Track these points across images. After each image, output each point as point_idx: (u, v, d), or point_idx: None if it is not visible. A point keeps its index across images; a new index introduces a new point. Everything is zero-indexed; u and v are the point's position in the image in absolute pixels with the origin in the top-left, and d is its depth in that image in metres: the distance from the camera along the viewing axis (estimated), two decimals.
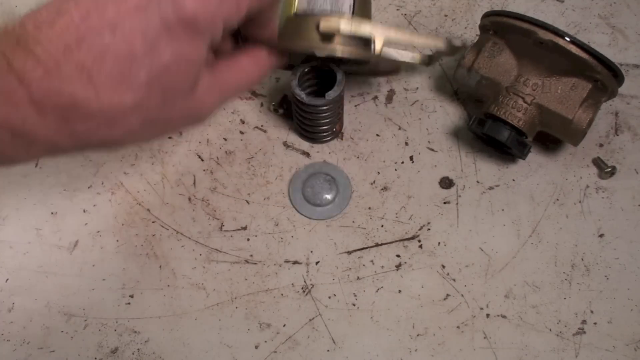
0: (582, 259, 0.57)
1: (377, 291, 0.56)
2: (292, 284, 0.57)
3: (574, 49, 0.54)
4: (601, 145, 0.62)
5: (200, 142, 0.63)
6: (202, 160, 0.62)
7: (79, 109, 0.38)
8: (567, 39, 0.54)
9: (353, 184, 0.61)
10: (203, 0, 0.40)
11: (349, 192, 0.60)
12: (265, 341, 0.54)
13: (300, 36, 0.51)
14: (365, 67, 0.64)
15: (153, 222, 0.59)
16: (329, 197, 0.60)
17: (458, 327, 0.54)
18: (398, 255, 0.58)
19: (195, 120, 0.47)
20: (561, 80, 0.57)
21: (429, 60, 0.62)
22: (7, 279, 0.57)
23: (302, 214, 0.59)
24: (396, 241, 0.58)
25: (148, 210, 0.60)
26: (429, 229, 0.59)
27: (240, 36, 0.52)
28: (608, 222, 0.58)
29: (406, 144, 0.63)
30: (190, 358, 0.54)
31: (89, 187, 0.61)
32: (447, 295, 0.56)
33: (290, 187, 0.60)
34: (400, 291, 0.56)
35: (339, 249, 0.58)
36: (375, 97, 0.65)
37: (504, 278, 0.56)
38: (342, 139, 0.63)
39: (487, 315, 0.55)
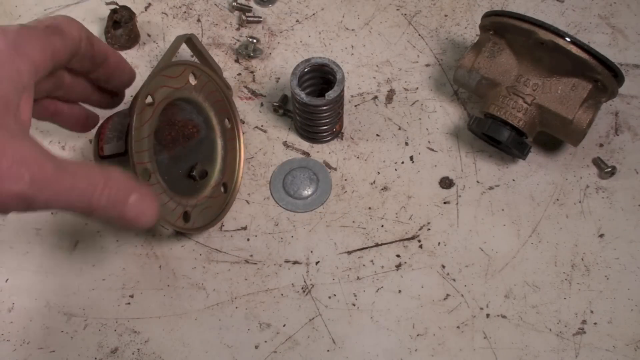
0: (582, 259, 0.57)
1: (377, 291, 0.56)
2: (292, 284, 0.57)
3: (574, 49, 0.54)
4: (601, 145, 0.62)
5: None
6: None
7: None
8: (568, 39, 0.54)
9: (353, 184, 0.61)
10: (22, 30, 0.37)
11: (329, 183, 0.60)
12: (265, 341, 0.54)
13: None
14: None
15: None
16: (308, 192, 0.60)
17: (458, 327, 0.54)
18: (398, 255, 0.58)
19: None
20: (561, 80, 0.57)
21: None
22: (7, 279, 0.57)
23: (282, 207, 0.60)
24: (396, 241, 0.58)
25: None
26: (429, 229, 0.59)
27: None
28: (608, 222, 0.58)
29: (406, 144, 0.63)
30: (190, 358, 0.54)
31: None
32: (447, 295, 0.56)
33: (271, 182, 0.61)
34: (400, 291, 0.56)
35: (339, 249, 0.58)
36: (375, 97, 0.65)
37: (504, 278, 0.56)
38: (342, 139, 0.63)
39: (487, 315, 0.55)
